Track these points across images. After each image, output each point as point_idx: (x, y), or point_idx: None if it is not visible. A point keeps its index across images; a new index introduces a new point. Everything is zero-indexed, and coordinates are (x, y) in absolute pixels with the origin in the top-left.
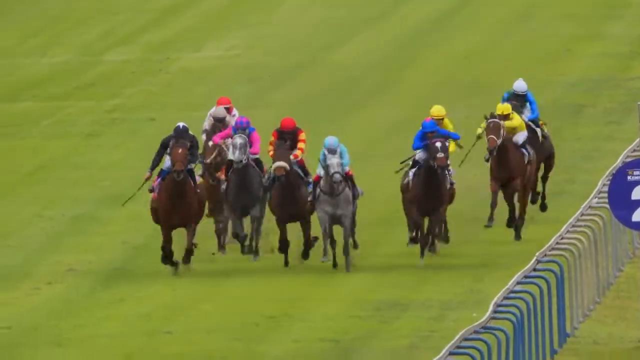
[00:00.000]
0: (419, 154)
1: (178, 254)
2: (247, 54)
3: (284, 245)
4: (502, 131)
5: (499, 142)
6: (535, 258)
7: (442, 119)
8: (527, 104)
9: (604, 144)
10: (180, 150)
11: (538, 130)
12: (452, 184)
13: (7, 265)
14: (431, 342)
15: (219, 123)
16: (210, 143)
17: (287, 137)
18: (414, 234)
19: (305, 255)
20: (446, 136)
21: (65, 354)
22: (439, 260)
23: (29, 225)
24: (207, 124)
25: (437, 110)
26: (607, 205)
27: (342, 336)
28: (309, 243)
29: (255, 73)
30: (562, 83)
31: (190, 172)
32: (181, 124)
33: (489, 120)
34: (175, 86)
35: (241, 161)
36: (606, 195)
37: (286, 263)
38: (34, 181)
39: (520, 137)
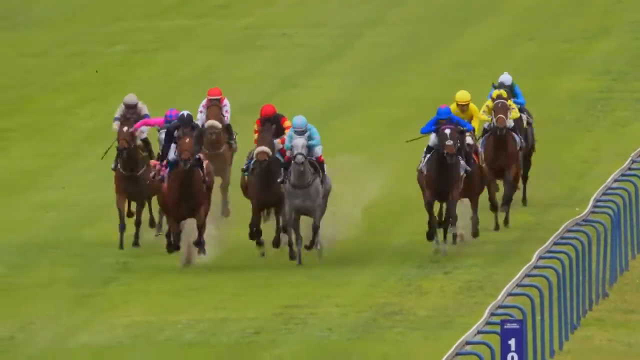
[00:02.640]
0: (432, 140)
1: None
2: None
3: (258, 234)
4: (509, 112)
5: (508, 122)
6: (630, 158)
7: (467, 104)
8: (514, 96)
9: None
10: (187, 140)
11: (524, 115)
12: (466, 170)
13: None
14: (537, 234)
15: (130, 109)
16: (125, 129)
17: (270, 124)
18: (430, 229)
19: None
20: (457, 124)
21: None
22: (543, 165)
23: None
24: (118, 111)
25: (462, 95)
26: None
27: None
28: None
29: None
30: None
31: (198, 162)
32: (185, 112)
33: (497, 101)
34: (304, 5)
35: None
36: None
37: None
38: (182, 91)
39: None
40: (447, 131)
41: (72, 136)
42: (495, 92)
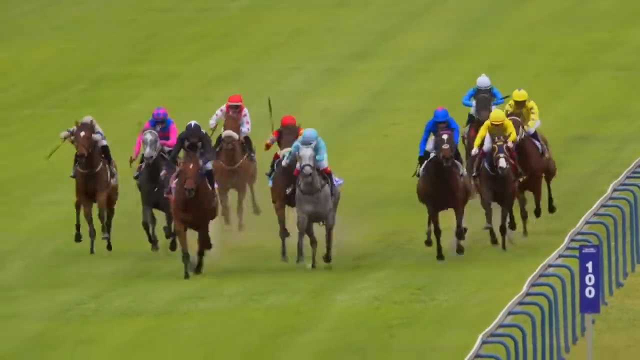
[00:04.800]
0: (429, 146)
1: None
2: None
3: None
4: (520, 128)
5: (518, 138)
6: None
7: (502, 123)
8: (493, 98)
9: None
10: (191, 167)
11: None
12: (461, 175)
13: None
14: (612, 169)
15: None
16: (82, 133)
17: (288, 133)
18: (429, 237)
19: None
20: (453, 129)
21: None
22: (619, 107)
23: (289, 76)
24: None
25: (497, 115)
26: None
27: None
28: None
29: None
30: None
31: (208, 174)
32: (192, 123)
33: (510, 117)
34: None
35: (151, 157)
36: None
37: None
38: (292, 42)
39: (536, 124)
40: (445, 136)
41: (197, 82)
42: (515, 94)
